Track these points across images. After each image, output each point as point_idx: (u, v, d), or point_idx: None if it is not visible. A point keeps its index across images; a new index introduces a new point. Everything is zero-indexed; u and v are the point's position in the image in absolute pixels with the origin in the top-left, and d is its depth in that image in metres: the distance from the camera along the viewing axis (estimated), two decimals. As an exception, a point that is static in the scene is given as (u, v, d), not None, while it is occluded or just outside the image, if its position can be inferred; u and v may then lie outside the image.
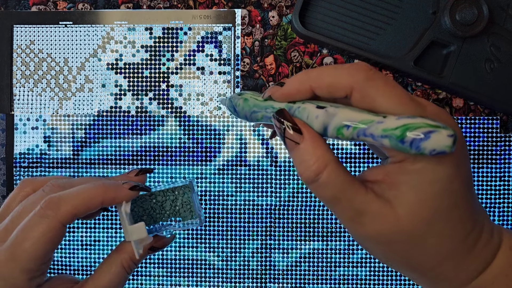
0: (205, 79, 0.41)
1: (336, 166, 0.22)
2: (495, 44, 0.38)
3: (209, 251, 0.41)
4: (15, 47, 0.42)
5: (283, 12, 0.41)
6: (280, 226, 0.41)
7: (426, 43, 0.38)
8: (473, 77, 0.38)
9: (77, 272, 0.41)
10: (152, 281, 0.41)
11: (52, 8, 0.42)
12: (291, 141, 0.23)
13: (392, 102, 0.21)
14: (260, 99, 0.25)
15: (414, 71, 0.37)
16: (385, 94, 0.21)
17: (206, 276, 0.41)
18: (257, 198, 0.41)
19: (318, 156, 0.22)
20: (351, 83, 0.22)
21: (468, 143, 0.41)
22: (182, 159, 0.41)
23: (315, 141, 0.23)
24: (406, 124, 0.20)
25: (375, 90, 0.22)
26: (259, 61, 0.41)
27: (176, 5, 0.41)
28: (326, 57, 0.41)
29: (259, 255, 0.41)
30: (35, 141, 0.42)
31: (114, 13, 0.41)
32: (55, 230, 0.27)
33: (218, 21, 0.41)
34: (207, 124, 0.41)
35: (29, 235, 0.26)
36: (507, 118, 0.41)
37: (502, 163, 0.40)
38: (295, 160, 0.23)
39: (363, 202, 0.22)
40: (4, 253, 0.27)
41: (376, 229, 0.22)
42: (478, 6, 0.36)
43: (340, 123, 0.22)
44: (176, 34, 0.41)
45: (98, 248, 0.41)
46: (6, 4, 0.42)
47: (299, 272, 0.41)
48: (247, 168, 0.41)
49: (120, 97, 0.41)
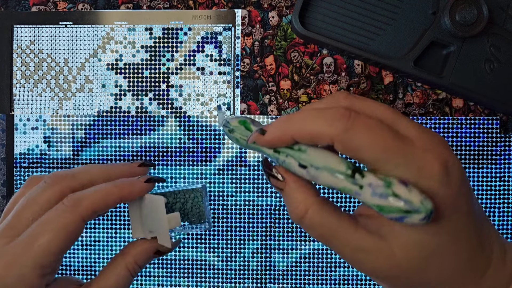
0: (205, 79, 0.41)
1: (319, 208, 0.23)
2: (495, 44, 0.38)
3: (209, 251, 0.41)
4: (15, 47, 0.42)
5: (283, 12, 0.41)
6: (280, 226, 0.41)
7: (426, 43, 0.38)
8: (473, 78, 0.38)
9: (77, 272, 0.41)
10: (152, 281, 0.41)
11: (52, 8, 0.42)
12: (276, 186, 0.25)
13: (375, 151, 0.21)
14: (247, 142, 0.27)
15: (414, 71, 0.38)
16: (366, 145, 0.21)
17: (206, 276, 0.41)
18: (257, 198, 0.41)
19: (300, 200, 0.24)
20: (331, 135, 0.22)
21: (468, 143, 0.41)
22: (182, 159, 0.41)
23: (297, 187, 0.24)
24: (379, 205, 0.21)
25: (356, 141, 0.22)
26: (259, 62, 0.41)
27: (176, 5, 0.41)
28: (326, 57, 0.41)
29: (259, 256, 0.41)
30: (35, 141, 0.42)
31: (114, 14, 0.41)
32: (75, 225, 0.27)
33: (218, 21, 0.41)
34: (207, 124, 0.41)
35: (48, 228, 0.26)
36: (507, 118, 0.41)
37: (502, 163, 0.40)
38: (284, 201, 0.25)
39: (355, 239, 0.23)
40: (20, 246, 0.26)
41: (372, 265, 0.23)
42: (478, 6, 0.36)
43: (324, 184, 0.23)
44: (176, 34, 0.41)
45: (98, 248, 0.41)
46: (6, 4, 0.42)
47: (299, 272, 0.41)
48: (247, 168, 0.41)
49: (120, 97, 0.41)
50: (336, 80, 0.41)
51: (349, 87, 0.41)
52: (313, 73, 0.41)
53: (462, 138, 0.40)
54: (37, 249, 0.26)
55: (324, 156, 0.23)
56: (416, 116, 0.41)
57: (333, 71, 0.41)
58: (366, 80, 0.41)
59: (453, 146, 0.40)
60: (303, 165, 0.23)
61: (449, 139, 0.41)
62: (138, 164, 0.32)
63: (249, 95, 0.41)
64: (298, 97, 0.41)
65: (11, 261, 0.26)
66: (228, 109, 0.41)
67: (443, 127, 0.40)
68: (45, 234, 0.26)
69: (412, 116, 0.41)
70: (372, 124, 0.22)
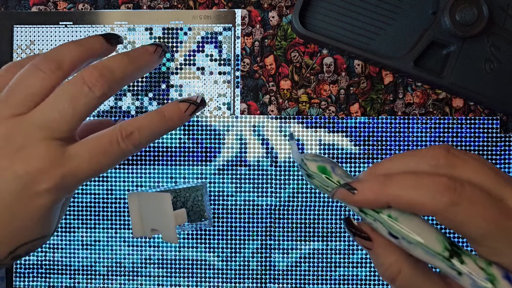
0: (205, 79, 0.41)
1: (412, 269, 0.22)
2: (495, 44, 0.38)
3: (209, 251, 0.41)
4: (15, 47, 0.42)
5: (283, 12, 0.41)
6: (280, 226, 0.41)
7: (426, 43, 0.38)
8: (473, 77, 0.38)
9: (77, 272, 0.41)
10: (152, 281, 0.41)
11: (52, 8, 0.42)
12: (363, 245, 0.24)
13: (482, 229, 0.20)
14: (329, 189, 0.24)
15: (414, 71, 0.38)
16: (472, 221, 0.20)
17: (206, 276, 0.41)
18: (257, 198, 0.41)
19: (391, 261, 0.22)
20: (434, 209, 0.20)
21: (468, 143, 0.41)
22: (182, 159, 0.41)
23: (386, 246, 0.23)
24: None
25: (461, 217, 0.20)
26: (259, 61, 0.41)
27: (176, 5, 0.41)
28: (326, 57, 0.41)
29: (259, 255, 0.41)
30: (35, 141, 0.42)
31: (114, 14, 0.41)
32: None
33: (218, 21, 0.41)
34: (207, 124, 0.41)
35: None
36: (507, 118, 0.41)
37: (502, 163, 0.40)
38: (372, 259, 0.24)
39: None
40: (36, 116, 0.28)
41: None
42: (478, 6, 0.36)
43: (418, 257, 0.21)
44: (176, 34, 0.41)
45: (98, 248, 0.41)
46: (6, 4, 0.42)
47: (299, 272, 0.41)
48: (247, 168, 0.41)
49: (120, 97, 0.41)
50: (336, 80, 0.41)
51: (349, 87, 0.41)
52: (313, 73, 0.41)
53: (462, 138, 0.40)
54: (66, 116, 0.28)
55: (418, 229, 0.21)
56: (416, 116, 0.41)
57: (333, 71, 0.41)
58: (366, 80, 0.41)
59: (453, 146, 0.40)
60: (394, 236, 0.22)
61: (449, 139, 0.41)
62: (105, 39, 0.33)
63: (249, 95, 0.41)
64: (298, 97, 0.41)
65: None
66: (228, 109, 0.41)
67: (443, 127, 0.40)
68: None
69: (412, 116, 0.41)
70: (479, 197, 0.20)
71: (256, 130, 0.41)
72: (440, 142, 0.41)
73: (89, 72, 0.29)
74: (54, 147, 0.27)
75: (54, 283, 0.41)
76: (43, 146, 0.27)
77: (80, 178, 0.28)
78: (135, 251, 0.41)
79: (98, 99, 0.29)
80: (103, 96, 0.29)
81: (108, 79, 0.29)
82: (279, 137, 0.41)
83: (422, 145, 0.41)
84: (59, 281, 0.41)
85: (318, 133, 0.41)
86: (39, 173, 0.27)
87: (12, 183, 0.26)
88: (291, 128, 0.41)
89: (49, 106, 0.28)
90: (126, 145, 0.29)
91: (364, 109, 0.41)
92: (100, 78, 0.29)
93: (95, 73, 0.29)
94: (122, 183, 0.41)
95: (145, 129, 0.30)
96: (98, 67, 0.30)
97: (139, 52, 0.33)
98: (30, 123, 0.28)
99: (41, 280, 0.41)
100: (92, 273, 0.41)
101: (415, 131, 0.40)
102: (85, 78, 0.29)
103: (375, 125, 0.41)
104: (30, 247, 0.29)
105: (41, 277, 0.41)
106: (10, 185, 0.26)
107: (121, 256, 0.41)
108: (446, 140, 0.40)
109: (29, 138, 0.27)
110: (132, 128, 0.30)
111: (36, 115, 0.28)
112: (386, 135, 0.41)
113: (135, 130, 0.30)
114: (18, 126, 0.27)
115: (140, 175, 0.41)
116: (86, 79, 0.29)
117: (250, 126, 0.41)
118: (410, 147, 0.41)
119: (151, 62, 0.33)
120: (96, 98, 0.29)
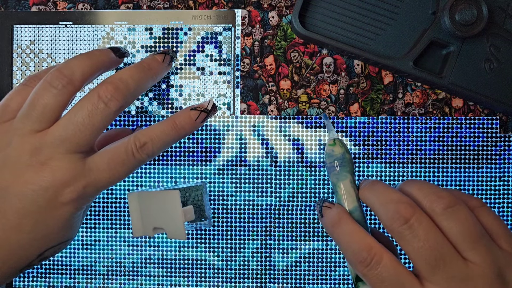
0: (205, 79, 0.41)
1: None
2: (494, 44, 0.38)
3: (209, 251, 0.41)
4: (15, 47, 0.42)
5: (283, 12, 0.41)
6: (280, 226, 0.41)
7: (426, 43, 0.38)
8: (473, 77, 0.38)
9: (77, 272, 0.41)
10: (152, 281, 0.41)
11: (52, 8, 0.42)
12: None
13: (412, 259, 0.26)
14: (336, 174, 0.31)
15: (413, 71, 0.38)
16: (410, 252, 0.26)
17: (206, 276, 0.41)
18: (257, 198, 0.41)
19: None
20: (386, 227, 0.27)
21: (468, 143, 0.41)
22: (182, 159, 0.41)
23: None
24: None
25: (403, 244, 0.26)
26: (259, 62, 0.41)
27: (176, 5, 0.41)
28: (326, 57, 0.41)
29: (259, 255, 0.41)
30: (35, 141, 0.42)
31: (114, 13, 0.41)
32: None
33: (218, 21, 0.41)
34: (207, 124, 0.41)
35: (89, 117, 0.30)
36: (507, 118, 0.41)
37: (502, 163, 0.40)
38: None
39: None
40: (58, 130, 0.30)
41: None
42: (477, 6, 0.36)
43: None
44: (176, 34, 0.41)
45: (98, 248, 0.41)
46: (6, 4, 0.42)
47: (299, 272, 0.41)
48: (247, 168, 0.41)
49: (120, 97, 0.41)
50: (336, 80, 0.41)
51: (348, 87, 0.41)
52: (313, 73, 0.41)
53: (462, 138, 0.40)
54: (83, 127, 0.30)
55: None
56: (416, 116, 0.41)
57: (333, 71, 0.41)
58: (366, 80, 0.41)
59: (453, 146, 0.40)
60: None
61: (449, 139, 0.41)
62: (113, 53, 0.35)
63: (249, 95, 0.41)
64: (298, 97, 0.41)
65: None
66: (228, 109, 0.41)
67: (442, 127, 0.41)
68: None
69: (412, 116, 0.41)
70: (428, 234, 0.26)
71: (256, 130, 0.41)
72: (440, 142, 0.41)
73: (104, 88, 0.31)
74: (76, 160, 0.30)
75: (54, 283, 0.41)
76: (65, 160, 0.29)
77: (100, 188, 0.31)
78: (135, 251, 0.41)
79: (114, 113, 0.31)
80: (119, 109, 0.31)
81: (123, 92, 0.31)
82: (279, 137, 0.41)
83: (422, 145, 0.41)
84: (59, 281, 0.41)
85: (318, 133, 0.41)
86: (63, 185, 0.29)
87: (38, 195, 0.29)
88: (291, 128, 0.41)
89: (68, 122, 0.30)
90: (140, 155, 0.31)
91: (363, 109, 0.41)
92: (115, 92, 0.31)
93: (110, 88, 0.31)
94: (122, 183, 0.41)
95: (158, 139, 0.32)
96: (113, 82, 0.31)
97: (150, 61, 0.34)
98: (52, 139, 0.30)
99: (41, 280, 0.41)
100: (92, 273, 0.41)
101: (415, 131, 0.41)
102: (100, 94, 0.30)
103: (374, 125, 0.41)
104: (56, 249, 0.32)
105: (41, 277, 0.41)
106: (37, 197, 0.29)
107: (121, 256, 0.41)
108: (445, 140, 0.41)
109: (52, 153, 0.29)
110: (146, 139, 0.31)
111: (57, 131, 0.30)
112: (385, 135, 0.41)
113: (148, 141, 0.31)
114: (41, 142, 0.29)
115: (140, 175, 0.41)
116: (101, 94, 0.30)
117: (250, 126, 0.41)
118: (410, 147, 0.41)
119: (161, 70, 0.35)
120: (112, 112, 0.31)
